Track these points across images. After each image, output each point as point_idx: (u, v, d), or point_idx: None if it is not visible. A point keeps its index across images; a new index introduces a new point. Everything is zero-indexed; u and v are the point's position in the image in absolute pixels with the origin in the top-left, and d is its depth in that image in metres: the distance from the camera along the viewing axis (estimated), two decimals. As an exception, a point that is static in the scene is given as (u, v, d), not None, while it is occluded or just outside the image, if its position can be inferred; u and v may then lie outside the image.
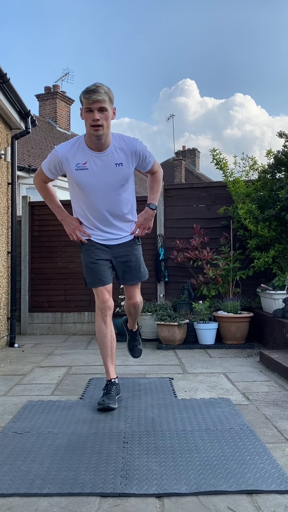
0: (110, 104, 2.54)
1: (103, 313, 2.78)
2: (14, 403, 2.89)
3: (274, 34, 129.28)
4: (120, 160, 2.63)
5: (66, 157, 2.63)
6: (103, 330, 2.79)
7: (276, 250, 4.99)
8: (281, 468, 1.88)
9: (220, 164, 5.56)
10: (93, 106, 2.48)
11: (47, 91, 15.99)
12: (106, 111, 2.51)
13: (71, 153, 2.63)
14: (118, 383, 2.87)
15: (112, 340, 2.82)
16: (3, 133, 5.27)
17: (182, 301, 5.35)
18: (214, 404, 2.77)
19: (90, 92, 2.47)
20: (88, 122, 2.51)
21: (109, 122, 2.55)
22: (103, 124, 2.50)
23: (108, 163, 2.62)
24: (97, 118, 2.48)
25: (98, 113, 2.49)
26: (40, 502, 1.67)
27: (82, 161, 2.62)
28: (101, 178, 2.63)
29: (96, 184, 2.65)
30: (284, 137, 5.16)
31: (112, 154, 2.62)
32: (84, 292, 6.10)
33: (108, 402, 2.66)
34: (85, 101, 2.49)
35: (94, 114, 2.48)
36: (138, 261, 2.90)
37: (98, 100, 2.46)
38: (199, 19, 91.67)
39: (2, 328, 5.16)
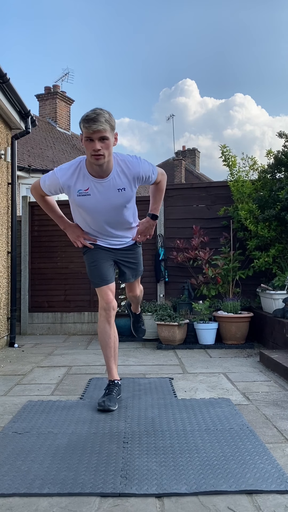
0: (112, 131, 2.45)
1: (107, 314, 2.79)
2: (14, 403, 2.89)
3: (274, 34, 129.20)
4: (122, 186, 2.57)
5: (68, 185, 2.58)
6: (107, 331, 2.80)
7: (276, 250, 4.99)
8: (281, 468, 1.88)
9: (228, 162, 5.51)
10: (94, 136, 2.39)
11: (47, 91, 15.99)
12: (107, 140, 2.42)
13: (72, 180, 2.57)
14: (121, 385, 2.88)
15: (115, 340, 2.84)
16: (3, 133, 5.27)
17: (182, 301, 5.35)
18: (214, 404, 2.77)
19: (90, 122, 2.36)
20: (88, 151, 2.43)
21: (111, 150, 2.47)
22: (104, 154, 2.42)
23: (110, 189, 2.57)
24: (98, 148, 2.40)
25: (99, 142, 2.40)
26: (40, 502, 1.67)
27: (84, 188, 2.56)
28: (104, 202, 2.61)
29: (99, 208, 2.63)
30: (284, 137, 5.16)
31: (115, 180, 2.56)
32: (84, 292, 6.10)
33: (109, 404, 2.66)
34: (85, 130, 2.39)
35: (94, 144, 2.39)
36: (138, 261, 3.00)
37: (99, 130, 2.37)
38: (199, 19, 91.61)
39: (2, 328, 5.16)
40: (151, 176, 2.67)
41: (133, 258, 2.95)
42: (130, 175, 2.57)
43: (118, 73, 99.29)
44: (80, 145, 16.38)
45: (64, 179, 2.56)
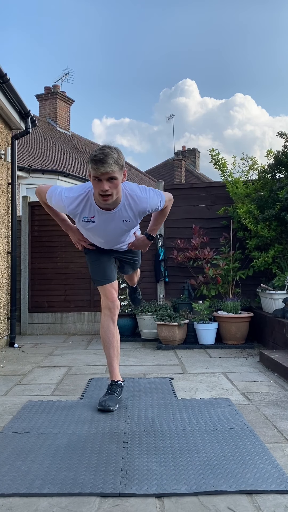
0: (120, 171, 2.38)
1: (112, 312, 2.81)
2: (14, 403, 2.89)
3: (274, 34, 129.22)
4: (128, 217, 2.57)
5: (74, 212, 2.56)
6: (111, 330, 2.80)
7: (276, 250, 5.00)
8: (281, 468, 1.88)
9: (219, 164, 5.56)
10: (102, 177, 2.33)
11: (47, 91, 15.98)
12: (116, 180, 2.36)
13: (78, 209, 2.54)
14: (123, 386, 2.88)
15: (118, 340, 2.84)
16: (3, 133, 5.27)
17: (182, 301, 5.35)
18: (214, 404, 2.77)
19: (98, 163, 2.29)
20: (96, 190, 2.39)
21: (119, 188, 2.42)
22: (112, 193, 2.38)
23: (116, 219, 2.57)
24: (106, 188, 2.34)
25: (107, 182, 2.34)
26: (40, 502, 1.67)
27: (90, 215, 2.55)
28: (108, 229, 2.63)
29: (102, 231, 2.66)
30: (284, 137, 5.16)
31: (121, 212, 2.54)
32: (84, 292, 6.10)
33: (109, 404, 2.66)
34: (93, 171, 2.33)
35: (103, 184, 2.34)
36: (137, 257, 3.08)
37: (107, 172, 2.30)
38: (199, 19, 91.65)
39: (2, 328, 5.16)
40: (158, 208, 2.65)
41: (132, 255, 3.01)
42: (136, 210, 2.55)
43: (118, 73, 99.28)
44: (80, 145, 16.38)
45: (71, 208, 2.54)
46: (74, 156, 14.63)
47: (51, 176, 11.42)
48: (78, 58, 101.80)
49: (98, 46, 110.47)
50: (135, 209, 2.54)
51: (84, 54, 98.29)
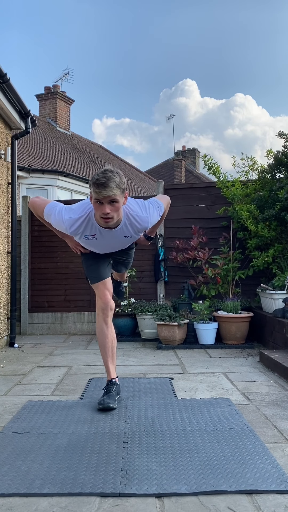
0: (122, 194, 2.38)
1: (105, 314, 2.82)
2: (14, 403, 2.89)
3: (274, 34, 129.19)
4: (129, 234, 2.60)
5: (75, 233, 2.58)
6: (104, 331, 2.82)
7: (275, 249, 5.00)
8: (281, 468, 1.88)
9: (213, 169, 5.58)
10: (104, 200, 2.34)
11: (47, 91, 15.98)
12: (117, 203, 2.37)
13: (79, 230, 2.55)
14: (119, 383, 2.89)
15: (112, 340, 2.85)
16: (3, 133, 5.27)
17: (182, 301, 5.35)
18: (214, 404, 2.77)
19: (100, 187, 2.30)
20: (98, 212, 2.40)
21: (121, 210, 2.44)
22: (113, 216, 2.39)
23: (117, 236, 2.60)
24: (107, 211, 2.35)
25: (108, 205, 2.35)
26: (40, 502, 1.67)
27: (91, 233, 2.57)
28: (109, 244, 2.67)
29: (103, 247, 2.71)
30: (284, 137, 5.16)
31: (122, 230, 2.56)
32: (84, 292, 6.10)
33: (108, 402, 2.67)
34: (94, 194, 2.34)
35: (104, 208, 2.35)
36: (131, 257, 3.10)
37: (109, 195, 2.32)
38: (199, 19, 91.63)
39: (2, 328, 5.16)
40: (158, 221, 2.76)
41: (126, 255, 3.03)
42: (137, 228, 2.59)
43: (118, 73, 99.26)
44: (80, 145, 16.38)
45: (72, 230, 2.54)
46: (74, 156, 14.63)
47: (51, 176, 11.41)
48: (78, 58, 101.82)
49: (98, 46, 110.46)
50: (136, 227, 2.58)
51: (84, 54, 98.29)
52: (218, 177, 5.56)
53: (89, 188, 2.40)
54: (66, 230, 2.56)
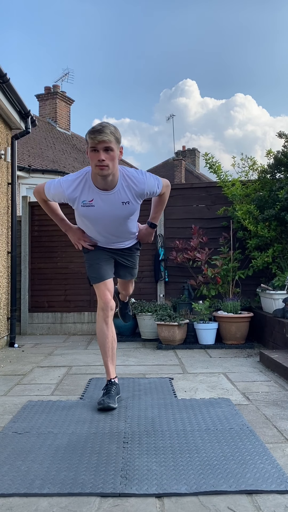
0: (117, 144, 2.46)
1: (105, 314, 2.81)
2: (14, 403, 2.89)
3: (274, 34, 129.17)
4: (127, 199, 2.60)
5: (73, 197, 2.60)
6: (105, 331, 2.81)
7: (275, 249, 5.00)
8: (281, 468, 1.88)
9: (214, 168, 5.58)
10: (99, 146, 2.40)
11: (47, 91, 15.99)
12: (112, 151, 2.43)
13: (77, 192, 2.58)
14: (118, 383, 2.88)
15: (113, 340, 2.85)
16: (3, 133, 5.27)
17: (182, 301, 5.35)
18: (214, 404, 2.77)
19: (95, 132, 2.39)
20: (93, 162, 2.45)
21: (116, 162, 2.48)
22: (109, 165, 2.44)
23: (115, 201, 2.59)
24: (102, 158, 2.41)
25: (103, 153, 2.41)
26: (40, 502, 1.67)
27: (89, 199, 2.58)
28: (108, 214, 2.64)
29: (102, 219, 2.67)
30: (284, 137, 5.16)
31: (119, 193, 2.58)
32: (84, 292, 6.10)
33: (108, 401, 2.66)
34: (90, 140, 2.42)
35: (99, 154, 2.41)
36: (134, 262, 3.06)
37: (104, 140, 2.39)
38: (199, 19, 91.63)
39: (2, 328, 5.16)
40: (156, 191, 2.70)
41: (130, 257, 3.00)
42: (134, 191, 2.60)
43: (119, 74, 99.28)
44: (80, 145, 16.37)
45: (70, 191, 2.57)
46: (74, 156, 14.63)
47: (51, 176, 11.42)
48: (79, 58, 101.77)
49: (98, 46, 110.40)
50: (133, 190, 2.59)
51: (85, 54, 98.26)
52: (219, 175, 5.56)
53: (86, 142, 2.48)
54: (63, 192, 2.58)
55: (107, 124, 2.44)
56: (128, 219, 2.72)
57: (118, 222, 2.70)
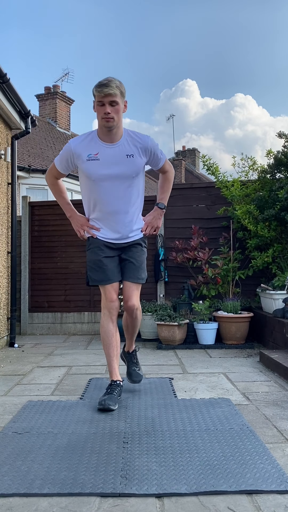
0: (122, 98, 2.61)
1: (111, 313, 2.79)
2: (14, 403, 2.89)
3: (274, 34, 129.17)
4: (131, 152, 2.68)
5: (79, 152, 2.69)
6: (111, 329, 2.79)
7: (275, 249, 4.99)
8: (281, 468, 1.88)
9: (212, 170, 5.59)
10: (105, 100, 2.55)
11: (47, 91, 15.98)
12: (117, 105, 2.58)
13: (83, 145, 2.69)
14: (123, 386, 2.87)
15: (117, 340, 2.83)
16: (3, 133, 5.27)
17: (182, 301, 5.35)
18: (214, 404, 2.77)
19: (102, 86, 2.54)
20: (99, 115, 2.59)
21: (120, 115, 2.62)
22: (114, 117, 2.58)
23: (120, 154, 2.67)
24: (108, 111, 2.56)
25: (109, 106, 2.56)
26: (40, 502, 1.67)
27: (94, 152, 2.67)
28: (112, 168, 2.66)
29: (107, 175, 2.67)
30: (283, 137, 5.16)
31: (124, 146, 2.68)
32: (84, 292, 6.10)
33: (109, 403, 2.65)
34: (97, 94, 2.56)
35: (105, 108, 2.56)
36: (140, 263, 2.87)
37: (110, 93, 2.53)
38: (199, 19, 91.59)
39: (2, 328, 5.16)
40: (159, 155, 2.79)
41: (136, 255, 2.84)
42: (138, 144, 2.70)
43: (119, 74, 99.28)
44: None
45: (75, 144, 2.70)
46: (74, 156, 14.62)
47: (51, 176, 11.42)
48: (79, 58, 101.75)
49: (98, 46, 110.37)
50: (137, 143, 2.70)
51: (85, 54, 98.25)
52: (217, 177, 5.57)
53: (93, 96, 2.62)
54: (70, 148, 2.69)
55: (113, 79, 2.58)
56: (132, 180, 2.70)
57: (122, 182, 2.68)
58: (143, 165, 2.75)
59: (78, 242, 6.17)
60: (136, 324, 2.97)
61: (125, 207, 2.75)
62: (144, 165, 2.77)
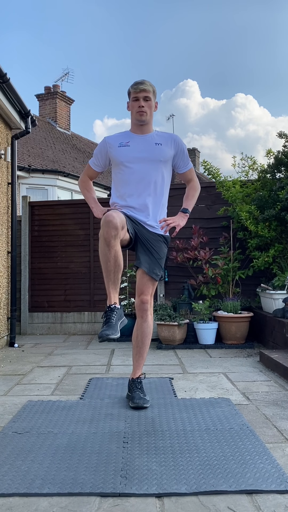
0: (154, 96, 2.86)
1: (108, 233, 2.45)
2: (14, 403, 2.89)
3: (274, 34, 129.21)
4: (159, 141, 2.87)
5: (112, 140, 2.89)
6: (106, 253, 2.47)
7: (275, 250, 4.99)
8: (281, 468, 1.88)
9: (213, 174, 5.63)
10: (139, 95, 2.80)
11: (47, 91, 15.97)
12: (150, 101, 2.83)
13: (116, 137, 2.91)
14: (120, 308, 2.53)
15: (116, 265, 2.49)
16: (3, 133, 5.27)
17: (182, 301, 5.35)
18: (214, 404, 2.77)
19: (137, 84, 2.82)
20: (134, 109, 2.82)
21: (152, 112, 2.87)
22: (147, 112, 2.82)
23: (149, 142, 2.86)
24: (142, 105, 2.80)
25: (143, 101, 2.80)
26: (40, 502, 1.67)
27: (125, 141, 2.88)
28: (142, 152, 2.81)
29: (136, 157, 2.80)
30: (284, 137, 5.16)
31: (153, 137, 2.89)
32: (84, 292, 6.10)
33: (107, 333, 2.33)
34: (132, 90, 2.82)
35: (139, 102, 2.80)
36: (158, 255, 2.82)
37: (144, 89, 2.79)
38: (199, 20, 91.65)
39: (2, 328, 5.16)
40: (186, 155, 2.96)
41: (155, 243, 2.80)
42: (167, 137, 2.90)
43: (119, 74, 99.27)
44: (80, 145, 16.37)
45: (111, 137, 2.92)
46: (74, 156, 14.63)
47: (51, 176, 11.42)
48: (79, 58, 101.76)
49: (98, 46, 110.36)
50: (165, 137, 2.90)
51: (85, 54, 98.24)
52: (218, 181, 5.59)
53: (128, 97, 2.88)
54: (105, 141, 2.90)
55: (146, 80, 2.87)
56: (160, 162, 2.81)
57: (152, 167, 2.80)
58: (170, 155, 2.87)
59: (78, 242, 6.18)
60: (146, 333, 2.82)
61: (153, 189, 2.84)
62: (171, 157, 2.88)
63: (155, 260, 2.80)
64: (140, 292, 2.81)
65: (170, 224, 2.88)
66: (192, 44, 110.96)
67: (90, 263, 6.11)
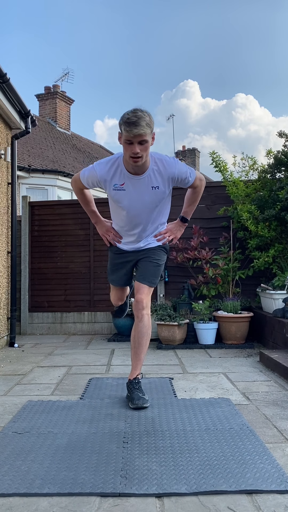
0: (151, 134, 2.50)
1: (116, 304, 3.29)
2: (14, 403, 2.89)
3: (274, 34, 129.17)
4: (157, 184, 2.63)
5: (105, 179, 2.65)
6: None
7: (275, 250, 4.99)
8: (281, 468, 1.88)
9: (220, 167, 5.56)
10: (134, 140, 2.44)
11: (47, 91, 15.98)
12: (146, 143, 2.48)
13: (109, 175, 2.63)
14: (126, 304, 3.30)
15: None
16: (3, 133, 5.27)
17: (182, 301, 5.35)
18: (214, 404, 2.77)
19: (131, 125, 2.40)
20: (127, 152, 2.49)
21: (148, 151, 2.54)
22: (142, 156, 2.49)
23: (145, 186, 2.63)
24: (137, 151, 2.45)
25: (138, 145, 2.45)
26: (40, 502, 1.67)
27: (120, 183, 2.63)
28: (137, 199, 2.66)
29: (132, 204, 2.69)
30: (284, 136, 5.16)
31: (150, 178, 2.62)
32: (84, 292, 6.10)
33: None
34: (125, 133, 2.44)
35: (134, 147, 2.45)
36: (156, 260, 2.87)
37: (140, 134, 2.41)
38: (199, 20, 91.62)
39: (2, 328, 5.16)
40: (188, 178, 2.70)
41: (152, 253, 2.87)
42: (165, 174, 2.63)
43: (119, 75, 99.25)
44: (80, 145, 16.37)
45: (102, 173, 2.63)
46: (74, 156, 14.63)
47: (51, 176, 11.41)
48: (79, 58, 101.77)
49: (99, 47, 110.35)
50: (164, 173, 2.62)
51: (85, 54, 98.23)
52: (224, 175, 5.54)
53: (119, 128, 2.50)
54: (96, 175, 2.64)
55: (142, 115, 2.42)
56: (157, 207, 2.73)
57: (148, 209, 2.71)
58: (169, 191, 2.74)
59: (78, 242, 6.18)
60: (142, 333, 2.79)
61: (150, 227, 2.82)
62: (170, 191, 2.76)
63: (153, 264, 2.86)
64: (136, 291, 2.87)
65: (167, 238, 2.92)
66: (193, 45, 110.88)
67: (90, 263, 6.12)
